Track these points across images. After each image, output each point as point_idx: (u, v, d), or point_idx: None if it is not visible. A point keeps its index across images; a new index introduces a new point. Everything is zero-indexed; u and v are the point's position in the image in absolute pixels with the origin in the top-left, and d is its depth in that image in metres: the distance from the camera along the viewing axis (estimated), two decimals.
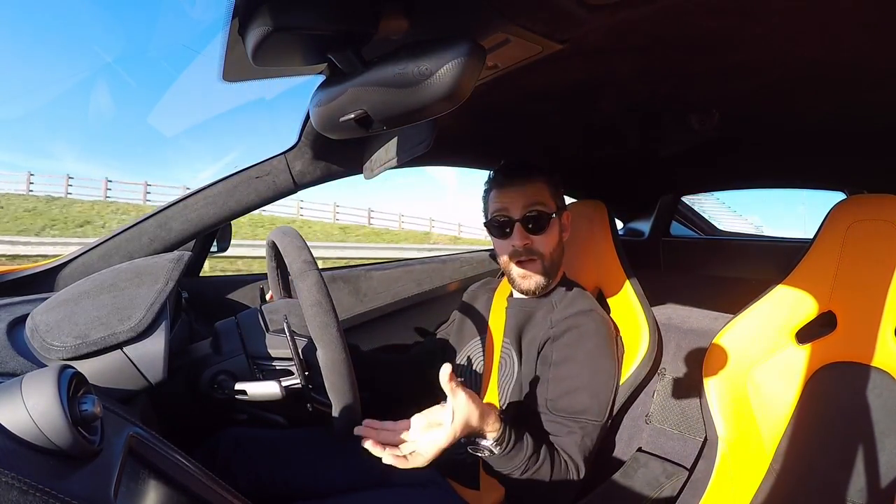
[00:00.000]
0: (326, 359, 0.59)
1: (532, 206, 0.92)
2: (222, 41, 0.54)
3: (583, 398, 0.85)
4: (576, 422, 0.83)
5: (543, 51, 0.59)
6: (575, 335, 0.89)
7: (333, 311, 0.60)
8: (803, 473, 0.82)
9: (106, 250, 0.84)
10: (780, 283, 0.91)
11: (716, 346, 0.94)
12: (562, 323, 0.91)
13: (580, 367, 0.87)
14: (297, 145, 0.89)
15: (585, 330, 0.90)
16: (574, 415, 0.84)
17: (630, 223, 1.73)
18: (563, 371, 0.87)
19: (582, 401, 0.85)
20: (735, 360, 0.92)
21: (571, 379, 0.86)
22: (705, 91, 0.81)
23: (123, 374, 0.55)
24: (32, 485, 0.31)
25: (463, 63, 0.44)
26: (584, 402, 0.84)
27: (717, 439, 0.91)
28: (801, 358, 0.86)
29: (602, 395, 0.87)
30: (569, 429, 0.82)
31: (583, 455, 0.81)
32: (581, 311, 0.92)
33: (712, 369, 0.93)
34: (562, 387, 0.86)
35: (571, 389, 0.85)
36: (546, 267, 0.94)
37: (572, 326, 0.90)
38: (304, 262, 0.62)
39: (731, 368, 0.92)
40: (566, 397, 0.85)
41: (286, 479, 0.88)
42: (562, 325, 0.91)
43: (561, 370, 0.87)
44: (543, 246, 0.93)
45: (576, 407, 0.84)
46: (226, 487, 0.50)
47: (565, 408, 0.84)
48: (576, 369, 0.87)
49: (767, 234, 2.50)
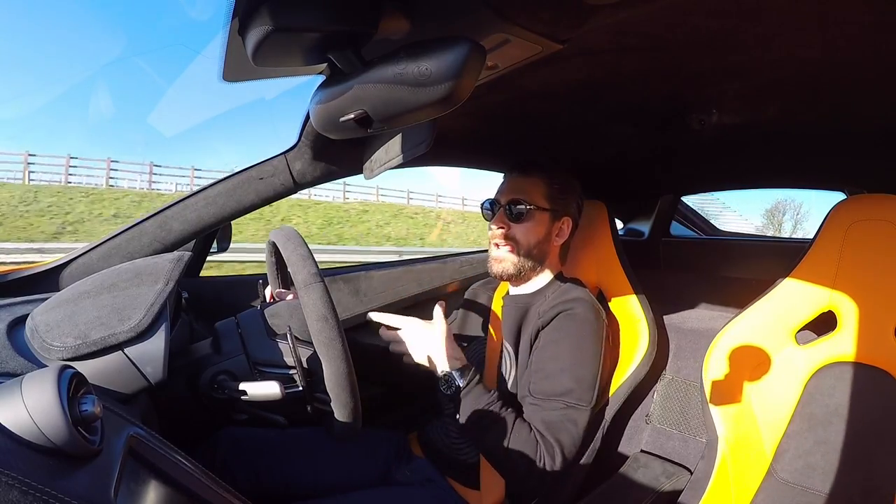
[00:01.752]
0: (331, 374, 0.60)
1: (518, 195, 0.97)
2: (222, 41, 0.54)
3: (565, 380, 0.84)
4: (555, 402, 0.83)
5: (543, 51, 0.59)
6: (560, 320, 0.90)
7: (339, 325, 0.61)
8: (803, 473, 0.82)
9: (106, 250, 0.84)
10: (780, 283, 0.91)
11: (716, 346, 0.94)
12: (550, 311, 0.92)
13: (562, 349, 0.87)
14: (297, 145, 0.89)
15: (571, 314, 0.90)
16: (554, 397, 0.83)
17: (630, 223, 1.73)
18: (546, 353, 0.88)
19: (563, 383, 0.84)
20: (735, 361, 0.92)
21: (553, 361, 0.87)
22: (705, 91, 0.81)
23: (123, 374, 0.54)
24: (32, 485, 0.31)
25: (463, 63, 0.44)
26: (565, 385, 0.84)
27: (718, 439, 0.91)
28: (801, 358, 0.86)
29: (586, 378, 0.86)
30: (546, 410, 0.82)
31: (563, 437, 0.80)
32: (570, 298, 0.93)
33: (712, 369, 0.93)
34: (544, 370, 0.86)
35: (553, 372, 0.85)
36: (520, 257, 0.97)
37: (559, 312, 0.91)
38: (310, 274, 0.62)
39: (732, 368, 0.92)
40: (547, 380, 0.85)
41: (286, 479, 0.88)
42: (550, 313, 0.91)
43: (544, 353, 0.88)
44: (520, 235, 0.97)
45: (557, 389, 0.84)
46: (226, 487, 0.50)
47: (546, 390, 0.84)
48: (558, 351, 0.87)
49: (767, 235, 2.50)
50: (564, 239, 1.02)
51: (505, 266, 0.98)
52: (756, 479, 0.86)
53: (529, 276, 1.00)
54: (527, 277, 1.00)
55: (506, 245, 0.97)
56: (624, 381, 0.99)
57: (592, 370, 0.88)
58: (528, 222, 0.97)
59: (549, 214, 0.98)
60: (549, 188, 0.98)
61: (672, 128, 1.01)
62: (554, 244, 1.00)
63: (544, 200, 0.98)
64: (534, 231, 0.97)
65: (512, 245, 0.97)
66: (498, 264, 0.99)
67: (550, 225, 0.99)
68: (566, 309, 0.91)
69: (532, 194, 0.97)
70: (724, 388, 0.92)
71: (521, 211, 0.96)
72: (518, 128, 1.05)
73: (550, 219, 0.98)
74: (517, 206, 0.96)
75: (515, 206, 0.96)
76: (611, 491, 0.93)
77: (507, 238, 0.97)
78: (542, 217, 0.97)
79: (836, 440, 0.81)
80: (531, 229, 0.97)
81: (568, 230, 1.02)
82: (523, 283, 1.01)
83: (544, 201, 0.98)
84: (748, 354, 0.91)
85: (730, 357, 0.92)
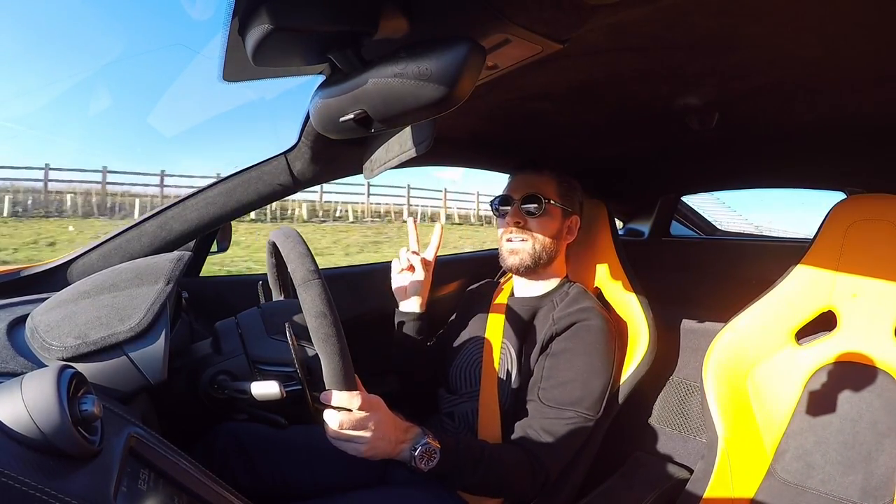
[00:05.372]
0: (330, 372, 0.60)
1: (533, 190, 0.99)
2: (222, 41, 0.54)
3: (576, 391, 0.86)
4: (562, 411, 0.84)
5: (543, 51, 0.59)
6: (576, 330, 0.91)
7: (337, 321, 0.60)
8: (803, 473, 0.82)
9: (106, 250, 0.84)
10: (780, 282, 0.91)
11: (716, 346, 0.94)
12: (565, 318, 0.93)
13: (576, 360, 0.89)
14: (297, 145, 0.89)
15: (587, 325, 0.92)
16: (564, 405, 0.84)
17: (630, 223, 1.73)
18: (560, 361, 0.89)
19: (573, 392, 0.86)
20: (735, 360, 0.92)
21: (566, 371, 0.88)
22: (705, 91, 0.81)
23: (123, 374, 0.54)
24: (32, 484, 0.31)
25: (463, 63, 0.44)
26: (575, 394, 0.86)
27: (717, 439, 0.91)
28: (801, 358, 0.86)
29: (595, 390, 0.88)
30: (550, 417, 0.83)
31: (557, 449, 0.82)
32: (584, 307, 0.95)
33: (712, 369, 0.93)
34: (556, 378, 0.87)
35: (565, 381, 0.87)
36: (536, 251, 0.99)
37: (574, 321, 0.92)
38: (309, 271, 0.62)
39: (731, 368, 0.92)
40: (558, 388, 0.86)
41: (285, 478, 0.88)
42: (564, 321, 0.93)
43: (557, 361, 0.89)
44: (537, 229, 0.99)
45: (566, 399, 0.85)
46: (226, 487, 0.51)
47: (556, 398, 0.85)
48: (571, 362, 0.88)
49: (767, 234, 2.50)
50: (573, 238, 1.05)
51: (522, 257, 0.99)
52: (756, 478, 0.86)
53: (542, 272, 1.02)
54: (539, 273, 1.02)
55: (522, 237, 0.99)
56: (624, 381, 0.99)
57: (603, 382, 0.90)
58: (544, 217, 0.99)
59: (561, 211, 1.01)
60: (560, 186, 1.02)
61: (672, 128, 1.01)
62: (564, 242, 1.03)
63: (557, 197, 1.00)
64: (549, 226, 0.99)
65: (528, 237, 0.99)
66: (514, 256, 1.00)
67: (562, 222, 1.02)
68: (582, 319, 0.92)
69: (546, 190, 1.00)
70: (724, 388, 0.92)
71: (537, 205, 0.98)
72: (518, 128, 1.05)
73: (562, 215, 1.02)
74: (532, 200, 0.98)
75: (531, 201, 0.98)
76: (611, 491, 0.93)
77: (522, 230, 0.99)
78: (556, 212, 1.00)
79: (836, 440, 0.81)
80: (547, 223, 0.99)
81: (576, 229, 1.05)
82: (534, 280, 1.03)
83: (557, 198, 1.00)
84: (748, 354, 0.91)
85: (730, 357, 0.92)
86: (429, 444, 0.70)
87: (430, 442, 0.70)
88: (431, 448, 0.70)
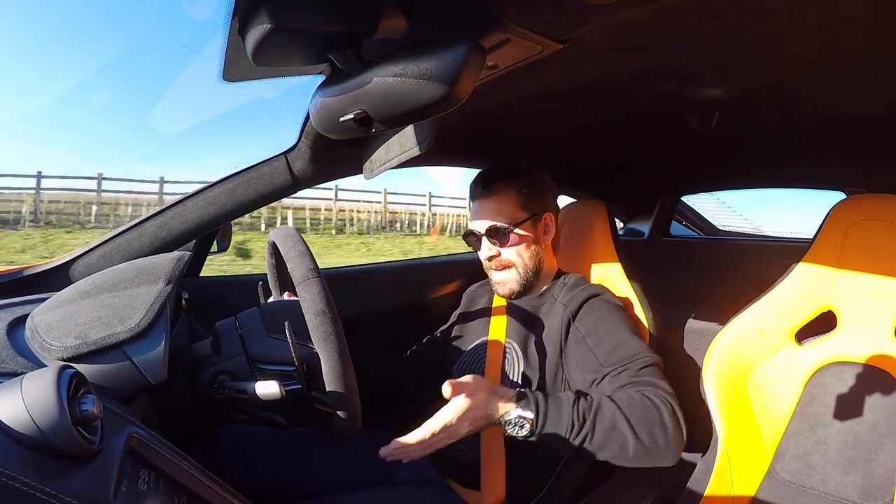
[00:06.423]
0: (330, 369, 0.60)
1: (492, 220, 0.95)
2: (222, 41, 0.54)
3: (633, 344, 0.84)
4: (636, 361, 0.81)
5: (543, 51, 0.59)
6: (592, 303, 0.91)
7: (337, 320, 0.60)
8: (803, 473, 0.82)
9: (106, 251, 0.85)
10: (780, 282, 0.91)
11: (716, 345, 0.94)
12: (574, 300, 0.92)
13: (613, 322, 0.88)
14: (297, 145, 0.89)
15: (600, 298, 0.92)
16: (632, 358, 0.81)
17: (630, 223, 1.73)
18: (599, 331, 0.87)
19: (632, 346, 0.83)
20: (735, 360, 0.92)
21: (611, 333, 0.86)
22: (705, 91, 0.81)
23: (123, 374, 0.54)
24: (32, 484, 0.31)
25: (463, 63, 0.44)
26: (634, 347, 0.83)
27: (718, 439, 0.91)
28: (801, 358, 0.87)
29: (643, 342, 0.86)
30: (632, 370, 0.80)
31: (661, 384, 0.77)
32: (587, 287, 0.95)
33: (712, 369, 0.93)
34: (606, 343, 0.85)
35: (618, 342, 0.84)
36: (521, 273, 0.97)
37: (586, 297, 0.92)
38: (308, 270, 0.62)
39: (731, 368, 0.92)
40: (616, 350, 0.83)
41: (285, 478, 0.88)
42: (574, 302, 0.92)
43: (596, 331, 0.87)
44: (512, 255, 0.96)
45: (630, 352, 0.82)
46: (225, 487, 0.51)
47: (621, 357, 0.82)
48: (610, 325, 0.87)
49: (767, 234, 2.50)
50: (552, 234, 1.01)
51: (511, 287, 0.98)
52: (756, 478, 0.86)
53: (535, 283, 1.00)
54: (533, 285, 1.00)
55: (502, 269, 0.97)
56: None
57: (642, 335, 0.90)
58: (513, 241, 0.95)
59: (529, 222, 0.96)
60: (520, 195, 0.96)
61: (672, 128, 1.01)
62: (545, 244, 1.00)
63: (519, 211, 0.96)
64: (523, 243, 0.96)
65: (508, 264, 0.97)
66: (503, 287, 0.99)
67: (534, 230, 0.98)
68: (593, 294, 0.92)
69: (506, 212, 0.95)
70: (724, 388, 0.92)
71: (502, 235, 0.95)
72: (518, 128, 1.05)
73: (532, 224, 0.97)
74: (496, 232, 0.95)
75: (494, 232, 0.95)
76: (611, 491, 0.93)
77: (500, 262, 0.97)
78: (525, 227, 0.96)
79: (836, 440, 0.81)
80: (520, 242, 0.96)
81: (553, 224, 1.01)
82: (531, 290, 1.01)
83: (520, 212, 0.96)
84: (748, 354, 0.91)
85: (730, 357, 0.92)
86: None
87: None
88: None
